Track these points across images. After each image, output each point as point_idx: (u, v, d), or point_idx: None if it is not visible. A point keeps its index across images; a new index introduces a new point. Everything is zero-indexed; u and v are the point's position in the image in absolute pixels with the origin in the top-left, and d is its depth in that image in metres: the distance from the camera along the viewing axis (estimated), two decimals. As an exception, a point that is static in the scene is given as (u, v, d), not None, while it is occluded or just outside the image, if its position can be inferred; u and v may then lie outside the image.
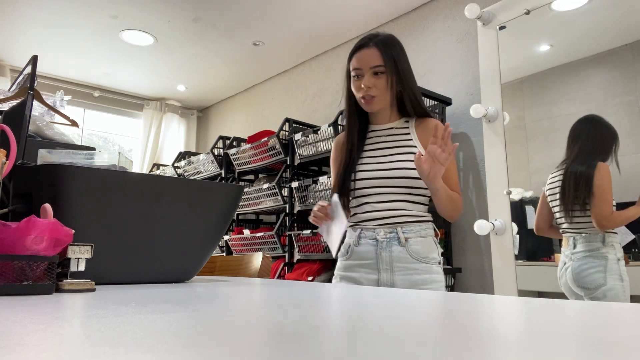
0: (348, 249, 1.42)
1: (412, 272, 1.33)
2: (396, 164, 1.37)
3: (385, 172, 1.37)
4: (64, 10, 3.38)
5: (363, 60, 1.37)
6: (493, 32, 2.44)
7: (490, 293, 2.45)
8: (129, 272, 0.82)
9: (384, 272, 1.34)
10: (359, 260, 1.39)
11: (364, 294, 0.65)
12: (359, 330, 0.35)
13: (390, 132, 1.45)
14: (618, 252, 1.93)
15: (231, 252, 3.63)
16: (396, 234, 1.35)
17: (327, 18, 3.43)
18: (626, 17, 2.12)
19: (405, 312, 0.46)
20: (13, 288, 0.58)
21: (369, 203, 1.39)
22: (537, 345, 0.29)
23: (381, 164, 1.39)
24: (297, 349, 0.27)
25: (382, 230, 1.36)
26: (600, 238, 1.95)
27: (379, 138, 1.45)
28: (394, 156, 1.39)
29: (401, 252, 1.34)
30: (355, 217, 1.44)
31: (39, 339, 0.29)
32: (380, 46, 1.37)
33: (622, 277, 1.90)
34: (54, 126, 1.51)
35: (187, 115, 5.50)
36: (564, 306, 0.50)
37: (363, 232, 1.39)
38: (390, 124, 1.46)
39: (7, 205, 0.77)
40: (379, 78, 1.37)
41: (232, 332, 0.34)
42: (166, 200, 0.84)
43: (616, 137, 2.03)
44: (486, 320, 0.41)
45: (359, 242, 1.39)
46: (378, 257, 1.35)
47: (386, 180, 1.37)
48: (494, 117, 2.37)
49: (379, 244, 1.36)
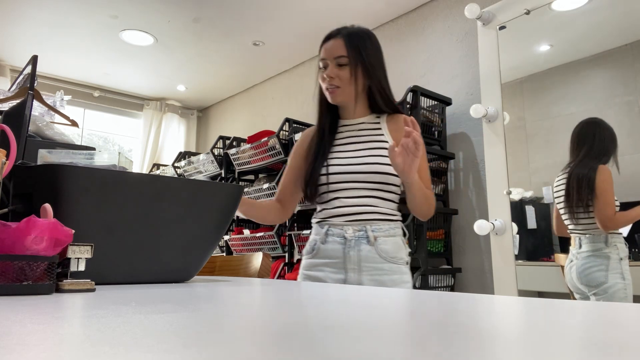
0: (314, 247, 1.37)
1: (380, 273, 1.29)
2: (368, 159, 1.34)
3: (356, 167, 1.34)
4: (64, 10, 3.38)
5: (328, 50, 1.36)
6: (493, 32, 2.44)
7: (490, 293, 2.45)
8: (129, 272, 0.82)
9: (352, 272, 1.30)
10: (325, 259, 1.34)
11: (364, 294, 0.65)
12: (360, 330, 0.35)
13: (361, 127, 1.41)
14: (621, 252, 1.98)
15: (231, 252, 3.63)
16: (365, 232, 1.31)
17: (327, 18, 3.43)
18: (626, 17, 2.12)
19: (405, 312, 0.46)
20: (13, 288, 0.58)
21: (339, 198, 1.35)
22: (537, 345, 0.29)
23: (353, 158, 1.35)
24: (298, 349, 0.27)
25: (351, 228, 1.32)
26: (604, 239, 2.01)
27: (350, 133, 1.42)
28: (365, 151, 1.35)
29: (370, 252, 1.30)
30: (323, 213, 1.39)
31: (39, 339, 0.29)
32: (346, 37, 1.36)
33: (624, 275, 1.96)
34: (54, 126, 1.51)
35: (187, 115, 5.51)
36: (564, 306, 0.50)
37: (330, 230, 1.34)
38: (361, 119, 1.43)
39: (7, 205, 0.77)
40: (342, 69, 1.34)
41: (232, 332, 0.34)
42: (166, 200, 0.84)
43: (616, 139, 2.07)
44: (486, 320, 0.41)
45: (325, 240, 1.34)
46: (346, 256, 1.31)
47: (357, 175, 1.33)
48: (494, 117, 2.37)
49: (347, 242, 1.31)
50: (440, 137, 2.82)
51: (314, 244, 1.38)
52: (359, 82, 1.36)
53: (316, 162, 1.38)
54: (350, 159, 1.36)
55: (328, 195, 1.38)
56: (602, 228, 2.00)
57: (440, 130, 2.83)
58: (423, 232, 2.48)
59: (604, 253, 2.00)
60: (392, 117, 1.43)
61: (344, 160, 1.36)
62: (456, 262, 2.76)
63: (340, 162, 1.36)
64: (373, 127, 1.41)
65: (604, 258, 1.99)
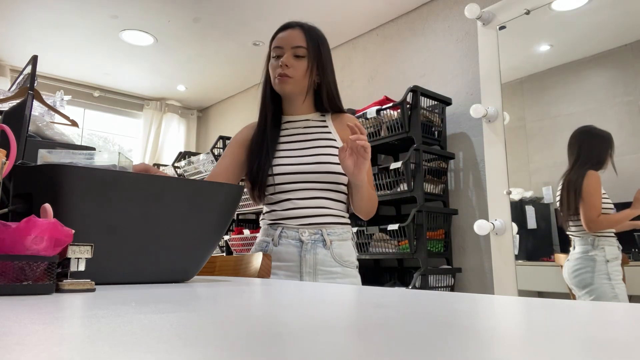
0: (264, 249, 1.33)
1: (334, 276, 1.29)
2: (319, 158, 1.30)
3: (308, 167, 1.29)
4: (64, 10, 3.38)
5: (285, 39, 1.33)
6: (493, 32, 2.44)
7: (490, 293, 2.45)
8: (129, 272, 0.82)
9: (307, 276, 1.28)
10: (279, 262, 1.30)
11: (364, 294, 0.65)
12: (360, 330, 0.35)
13: (307, 124, 1.38)
14: (608, 254, 2.05)
15: (231, 252, 3.63)
16: (321, 236, 1.29)
17: (327, 18, 3.43)
18: (626, 17, 2.12)
19: (405, 312, 0.46)
20: (13, 288, 0.58)
21: (291, 200, 1.31)
22: (537, 345, 0.29)
23: (303, 157, 1.31)
24: (298, 349, 0.27)
25: (307, 231, 1.29)
26: (591, 241, 2.10)
27: (295, 130, 1.37)
28: (315, 149, 1.32)
29: (325, 255, 1.29)
30: (273, 214, 1.34)
31: (39, 339, 0.29)
32: (306, 30, 1.34)
33: (611, 276, 2.03)
34: (54, 126, 1.51)
35: (187, 115, 5.50)
36: (564, 306, 0.50)
37: (284, 232, 1.30)
38: (306, 116, 1.40)
39: (7, 205, 0.77)
40: (299, 60, 1.32)
41: (232, 332, 0.34)
42: (166, 200, 0.84)
43: (611, 144, 2.14)
44: (486, 320, 0.41)
45: (279, 242, 1.31)
46: (302, 260, 1.28)
47: (309, 175, 1.29)
48: (494, 117, 2.37)
49: (303, 245, 1.29)
50: (440, 137, 2.82)
51: (264, 245, 1.34)
52: (312, 77, 1.34)
53: (261, 159, 1.32)
54: (300, 157, 1.31)
55: (278, 196, 1.33)
56: (587, 229, 2.10)
57: (440, 130, 2.83)
58: (423, 232, 2.48)
59: (590, 256, 2.09)
60: (338, 115, 1.41)
61: (294, 160, 1.31)
62: (456, 262, 2.76)
63: (290, 161, 1.31)
64: (320, 124, 1.39)
65: (590, 260, 2.08)
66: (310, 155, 1.31)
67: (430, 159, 2.73)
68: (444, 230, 2.69)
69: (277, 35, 1.36)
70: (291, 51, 1.32)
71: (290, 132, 1.38)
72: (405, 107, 2.61)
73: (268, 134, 1.35)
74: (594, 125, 2.21)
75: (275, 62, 1.34)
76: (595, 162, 2.15)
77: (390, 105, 2.71)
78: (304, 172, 1.30)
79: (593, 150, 2.18)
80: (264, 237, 1.37)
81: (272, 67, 1.35)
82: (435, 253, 2.63)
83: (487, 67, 2.45)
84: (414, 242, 2.49)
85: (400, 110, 2.63)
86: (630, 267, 1.98)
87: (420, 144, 2.57)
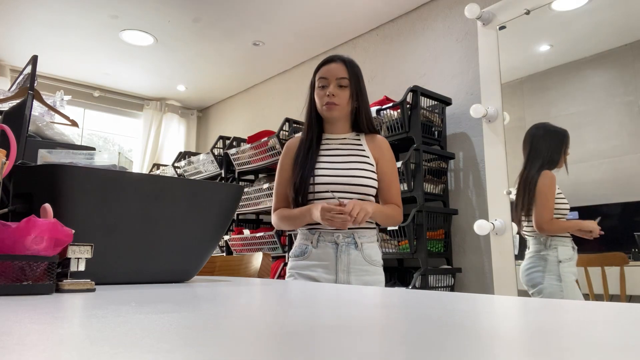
0: (305, 250, 1.54)
1: (364, 274, 1.50)
2: (354, 171, 1.52)
3: (344, 179, 1.51)
4: (64, 10, 3.38)
5: (330, 71, 1.55)
6: (493, 32, 2.44)
7: (490, 293, 2.45)
8: (129, 272, 0.82)
9: (342, 273, 1.49)
10: (318, 261, 1.51)
11: (363, 294, 0.65)
12: (361, 330, 0.35)
13: (344, 141, 1.60)
14: (560, 255, 2.06)
15: (231, 252, 3.63)
16: (353, 239, 1.51)
17: (327, 18, 3.43)
18: (626, 17, 2.12)
19: (405, 312, 0.46)
20: (13, 288, 0.58)
21: None
22: (537, 345, 0.29)
23: (340, 170, 1.53)
24: (298, 348, 0.27)
25: (341, 235, 1.51)
26: (544, 241, 2.11)
27: (333, 146, 1.59)
28: (350, 163, 1.54)
29: (357, 256, 1.50)
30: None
31: (39, 339, 0.29)
32: (347, 63, 1.56)
33: (561, 277, 2.04)
34: (54, 126, 1.51)
35: (187, 115, 5.50)
36: (564, 306, 0.50)
37: (322, 236, 1.52)
38: (344, 135, 1.62)
39: (7, 205, 0.77)
40: (342, 90, 1.54)
41: (232, 332, 0.34)
42: (166, 200, 0.84)
43: (565, 141, 2.15)
44: (486, 320, 0.41)
45: (317, 245, 1.52)
46: (337, 259, 1.50)
47: (345, 186, 1.50)
48: (494, 117, 2.37)
49: (338, 247, 1.50)
50: (440, 137, 2.82)
51: (305, 247, 1.55)
52: (352, 104, 1.57)
53: (305, 171, 1.54)
54: (338, 170, 1.53)
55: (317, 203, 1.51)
56: (538, 230, 2.10)
57: (440, 130, 2.83)
58: (423, 232, 2.48)
59: (541, 255, 2.10)
60: (371, 136, 1.63)
61: (332, 171, 1.53)
62: (456, 262, 2.76)
63: (329, 173, 1.53)
64: (355, 142, 1.61)
65: (542, 260, 2.09)
66: (346, 169, 1.53)
67: (430, 159, 2.73)
68: (444, 230, 2.69)
69: (322, 68, 1.58)
70: (336, 82, 1.54)
71: (329, 147, 1.60)
72: (405, 107, 2.61)
73: (312, 150, 1.57)
74: (549, 123, 2.22)
75: (321, 92, 1.56)
76: (548, 160, 2.13)
77: (390, 105, 2.71)
78: (340, 183, 1.51)
79: (545, 147, 2.16)
80: (303, 240, 1.57)
81: (319, 95, 1.57)
82: (435, 253, 2.63)
83: (487, 67, 2.45)
84: (414, 242, 2.49)
85: (400, 110, 2.63)
86: (630, 267, 1.98)
87: (420, 144, 2.57)
